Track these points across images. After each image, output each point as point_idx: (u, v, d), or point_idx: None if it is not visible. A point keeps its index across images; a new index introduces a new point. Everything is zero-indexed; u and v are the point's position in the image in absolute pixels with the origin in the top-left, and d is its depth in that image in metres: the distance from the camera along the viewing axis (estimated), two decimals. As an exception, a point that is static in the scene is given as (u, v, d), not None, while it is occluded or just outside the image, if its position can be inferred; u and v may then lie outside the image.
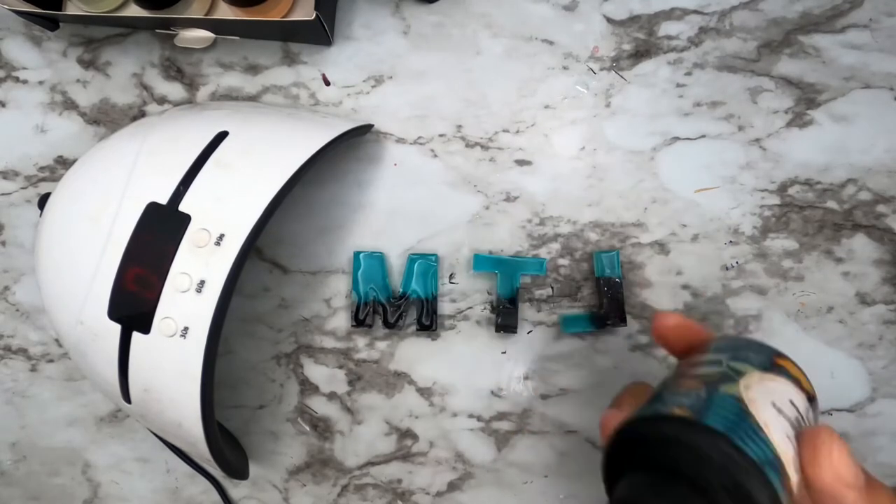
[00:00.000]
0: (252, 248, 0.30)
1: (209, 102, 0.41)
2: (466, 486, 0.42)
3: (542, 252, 0.41)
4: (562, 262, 0.41)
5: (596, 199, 0.41)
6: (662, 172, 0.40)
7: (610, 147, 0.41)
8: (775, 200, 0.40)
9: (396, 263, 0.41)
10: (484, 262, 0.40)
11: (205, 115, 0.35)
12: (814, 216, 0.40)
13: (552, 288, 0.41)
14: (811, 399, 0.25)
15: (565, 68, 0.41)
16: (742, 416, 0.21)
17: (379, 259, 0.40)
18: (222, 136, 0.32)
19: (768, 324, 0.40)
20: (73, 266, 0.32)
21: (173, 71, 0.42)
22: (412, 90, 0.41)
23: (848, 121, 0.40)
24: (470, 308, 0.41)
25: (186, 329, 0.29)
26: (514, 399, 0.41)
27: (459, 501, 0.42)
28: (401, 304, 0.40)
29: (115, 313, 0.30)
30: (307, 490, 0.42)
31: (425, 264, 0.40)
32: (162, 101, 0.42)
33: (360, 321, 0.40)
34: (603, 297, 0.39)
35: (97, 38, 0.42)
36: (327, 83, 0.41)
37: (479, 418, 0.41)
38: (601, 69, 0.41)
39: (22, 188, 0.42)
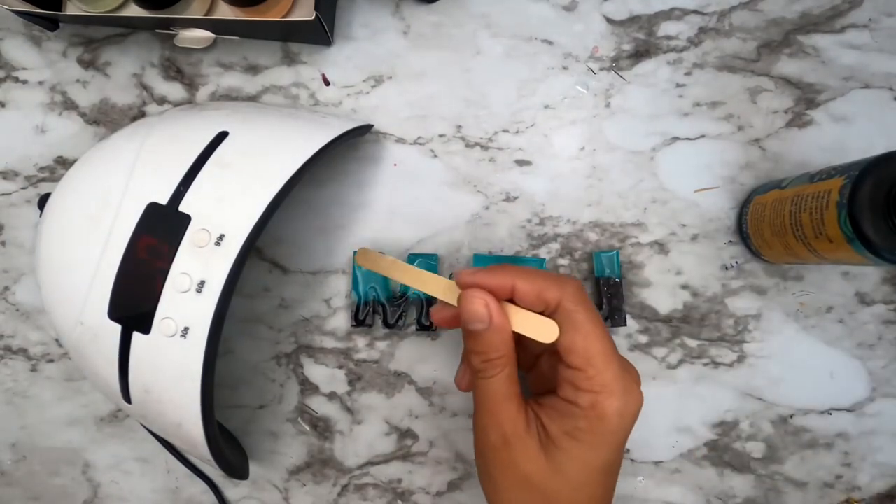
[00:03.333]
0: (252, 248, 0.30)
1: (209, 102, 0.41)
2: (466, 486, 0.42)
3: (542, 252, 0.41)
4: (561, 261, 0.41)
5: (596, 199, 0.41)
6: (662, 172, 0.41)
7: (610, 147, 0.41)
8: (775, 200, 0.40)
9: (396, 263, 0.41)
10: (484, 262, 0.40)
11: (205, 115, 0.35)
12: (813, 216, 0.40)
13: (552, 288, 0.41)
14: None
15: (565, 68, 0.41)
16: None
17: (379, 259, 0.40)
18: (222, 136, 0.32)
19: (768, 323, 0.40)
20: (73, 266, 0.32)
21: (173, 71, 0.42)
22: (412, 90, 0.41)
23: (847, 121, 0.40)
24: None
25: (186, 329, 0.29)
26: (514, 399, 0.41)
27: (459, 501, 0.42)
28: (401, 304, 0.40)
29: (115, 313, 0.30)
30: (307, 490, 0.42)
31: (425, 264, 0.40)
32: (162, 101, 0.42)
33: (360, 321, 0.40)
34: (602, 297, 0.39)
35: (97, 38, 0.42)
36: (327, 83, 0.41)
37: (478, 418, 0.41)
38: (601, 69, 0.41)
39: (22, 188, 0.42)
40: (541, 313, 0.30)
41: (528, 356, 0.34)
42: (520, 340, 0.30)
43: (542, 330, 0.29)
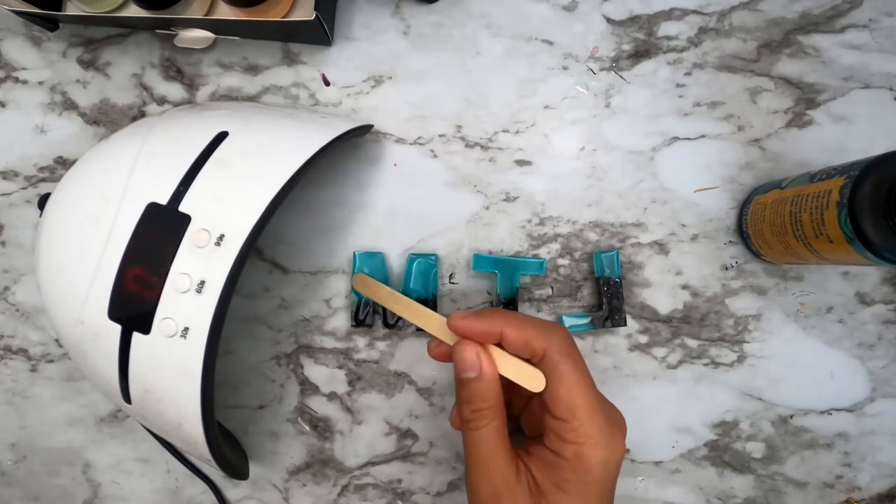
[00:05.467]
0: (252, 249, 0.30)
1: (209, 103, 0.41)
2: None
3: (542, 252, 0.41)
4: (561, 262, 0.41)
5: (596, 199, 0.41)
6: (662, 172, 0.41)
7: (610, 147, 0.41)
8: (775, 200, 0.40)
9: (396, 263, 0.41)
10: (484, 262, 0.40)
11: (205, 115, 0.35)
12: (813, 216, 0.40)
13: (552, 288, 0.41)
14: None
15: (565, 68, 0.41)
16: None
17: (379, 259, 0.40)
18: (222, 136, 0.32)
19: (768, 324, 0.40)
20: (73, 266, 0.32)
21: (173, 71, 0.42)
22: (412, 90, 0.41)
23: (847, 121, 0.40)
24: (470, 308, 0.41)
25: (186, 329, 0.29)
26: (514, 399, 0.41)
27: (459, 501, 0.42)
28: (401, 304, 0.40)
29: (115, 313, 0.30)
30: (307, 490, 0.42)
31: (425, 264, 0.40)
32: (162, 101, 0.42)
33: (359, 321, 0.40)
34: (603, 297, 0.39)
35: (97, 38, 0.42)
36: (327, 83, 0.41)
37: (478, 418, 0.41)
38: (601, 69, 0.41)
39: (22, 188, 0.43)
40: (528, 361, 0.30)
41: (520, 398, 0.35)
42: (511, 382, 0.31)
43: (530, 378, 0.30)
